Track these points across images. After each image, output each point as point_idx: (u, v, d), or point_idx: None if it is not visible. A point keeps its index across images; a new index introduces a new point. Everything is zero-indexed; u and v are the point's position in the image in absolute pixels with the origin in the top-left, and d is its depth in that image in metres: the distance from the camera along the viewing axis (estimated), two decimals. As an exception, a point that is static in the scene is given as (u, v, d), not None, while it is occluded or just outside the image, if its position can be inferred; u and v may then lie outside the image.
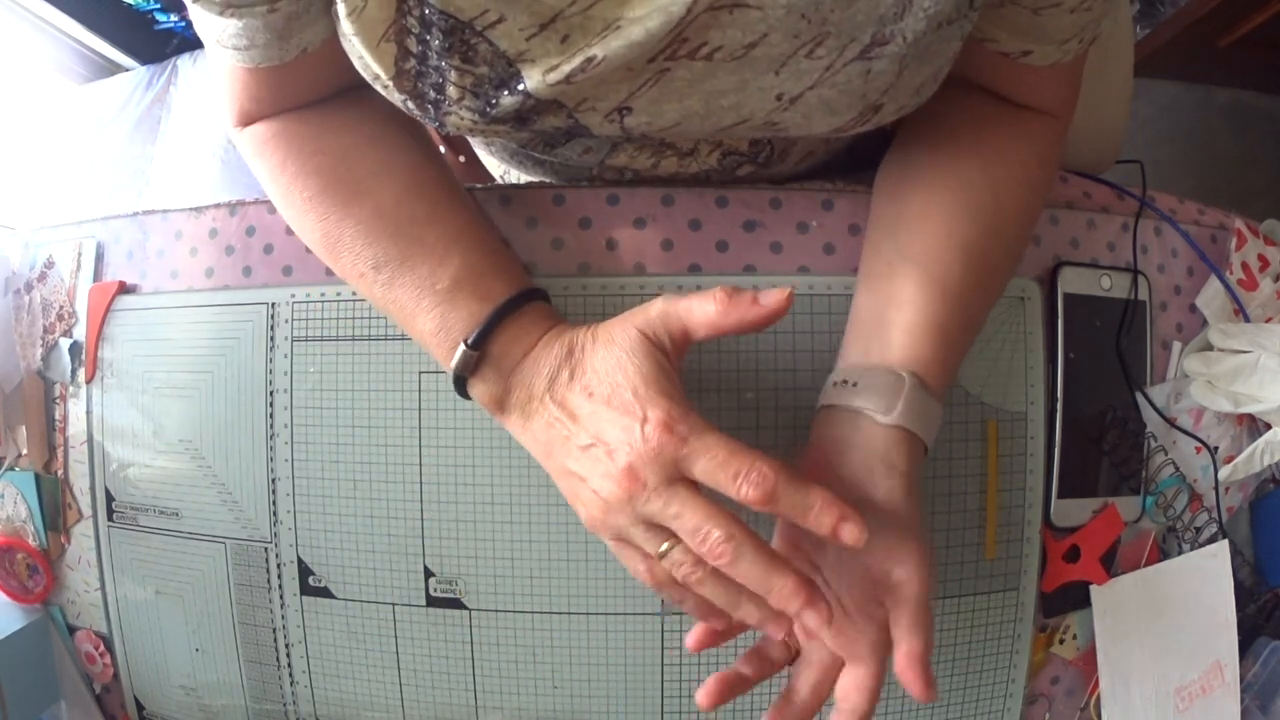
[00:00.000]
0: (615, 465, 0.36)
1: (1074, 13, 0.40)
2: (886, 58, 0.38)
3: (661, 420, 0.36)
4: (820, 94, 0.39)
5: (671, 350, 0.39)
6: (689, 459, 0.36)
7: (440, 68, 0.38)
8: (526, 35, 0.37)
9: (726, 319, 0.38)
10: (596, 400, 0.38)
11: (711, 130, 0.42)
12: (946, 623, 0.50)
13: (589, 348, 0.40)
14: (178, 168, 1.64)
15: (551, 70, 0.37)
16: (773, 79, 0.39)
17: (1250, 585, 0.58)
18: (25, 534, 0.59)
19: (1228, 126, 1.46)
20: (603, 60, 0.36)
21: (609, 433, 0.37)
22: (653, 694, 0.50)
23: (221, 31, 0.40)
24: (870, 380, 0.41)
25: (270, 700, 0.54)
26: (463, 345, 0.42)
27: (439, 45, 0.37)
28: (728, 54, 0.37)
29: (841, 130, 0.42)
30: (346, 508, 0.51)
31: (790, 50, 0.37)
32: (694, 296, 0.38)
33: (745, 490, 0.35)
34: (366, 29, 0.38)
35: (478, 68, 0.38)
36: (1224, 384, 0.54)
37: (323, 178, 0.44)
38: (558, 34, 0.37)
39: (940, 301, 0.42)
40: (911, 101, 0.42)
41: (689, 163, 0.48)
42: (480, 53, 0.37)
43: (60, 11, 1.57)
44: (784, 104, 0.40)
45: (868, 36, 0.37)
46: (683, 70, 0.38)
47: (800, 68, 0.38)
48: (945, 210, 0.44)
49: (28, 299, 0.59)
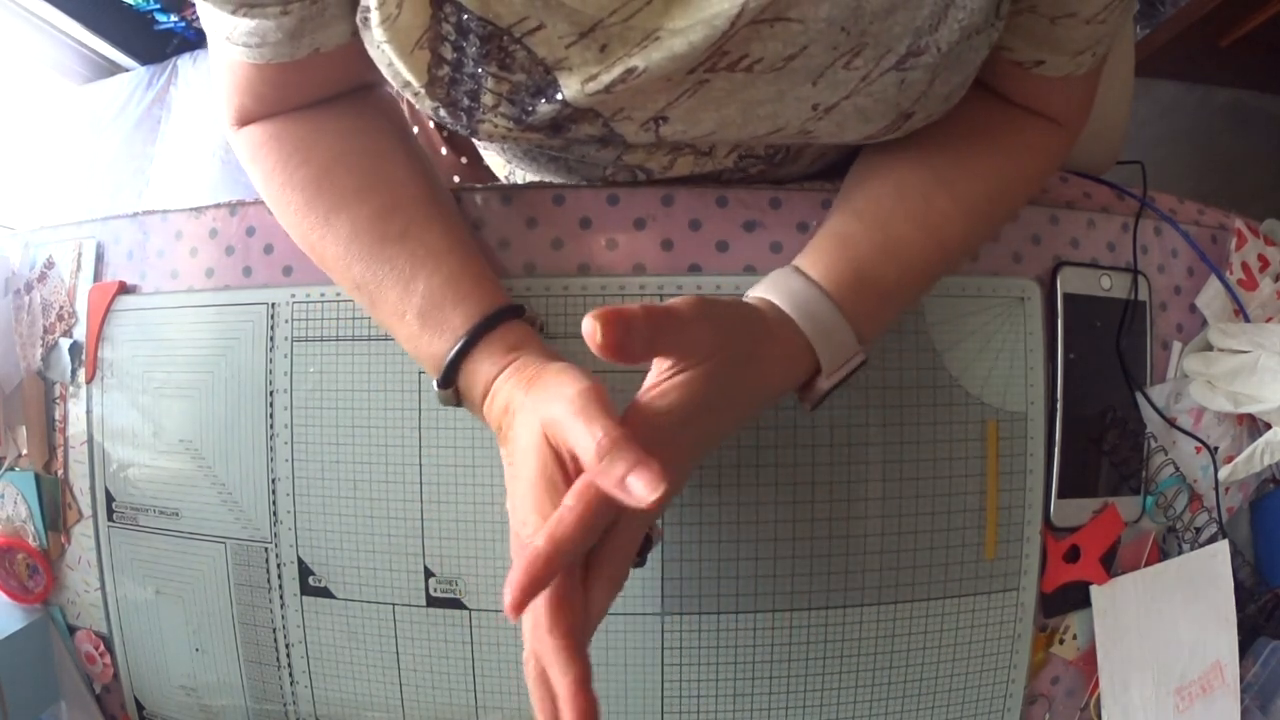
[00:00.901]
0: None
1: (1089, 24, 0.40)
2: (921, 68, 0.38)
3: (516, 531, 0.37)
4: (855, 103, 0.40)
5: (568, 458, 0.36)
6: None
7: (476, 75, 0.38)
8: (566, 43, 0.37)
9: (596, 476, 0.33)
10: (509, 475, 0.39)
11: (746, 138, 0.42)
12: (947, 623, 0.50)
13: (517, 416, 0.39)
14: (178, 168, 1.64)
15: (590, 80, 0.37)
16: (810, 89, 0.39)
17: (1250, 585, 0.57)
18: (25, 534, 0.59)
19: (1228, 126, 1.46)
20: (644, 72, 0.36)
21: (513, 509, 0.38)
22: (653, 694, 0.50)
23: (232, 29, 0.40)
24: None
25: (270, 700, 0.54)
26: (434, 386, 0.43)
27: (475, 52, 0.37)
28: (767, 66, 0.38)
29: (872, 137, 0.43)
30: (346, 508, 0.51)
31: (828, 61, 0.38)
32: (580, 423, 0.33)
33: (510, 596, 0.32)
34: (400, 36, 0.37)
35: (515, 75, 0.38)
36: (1224, 384, 0.54)
37: (307, 191, 0.44)
38: (596, 43, 0.37)
39: (851, 219, 0.43)
40: (941, 108, 0.42)
41: (705, 162, 0.48)
42: (518, 60, 0.37)
43: (60, 11, 1.57)
44: (819, 113, 0.40)
45: (904, 47, 0.38)
46: (722, 81, 0.39)
47: (837, 78, 0.39)
48: (893, 160, 0.45)
49: (28, 299, 0.59)
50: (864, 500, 0.49)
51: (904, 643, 0.50)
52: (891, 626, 0.50)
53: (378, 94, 0.49)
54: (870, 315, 0.42)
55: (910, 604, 0.50)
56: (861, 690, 0.50)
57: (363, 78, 0.42)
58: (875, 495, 0.49)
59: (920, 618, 0.50)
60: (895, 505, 0.49)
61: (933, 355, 0.50)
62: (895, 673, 0.50)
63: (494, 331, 0.42)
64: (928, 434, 0.49)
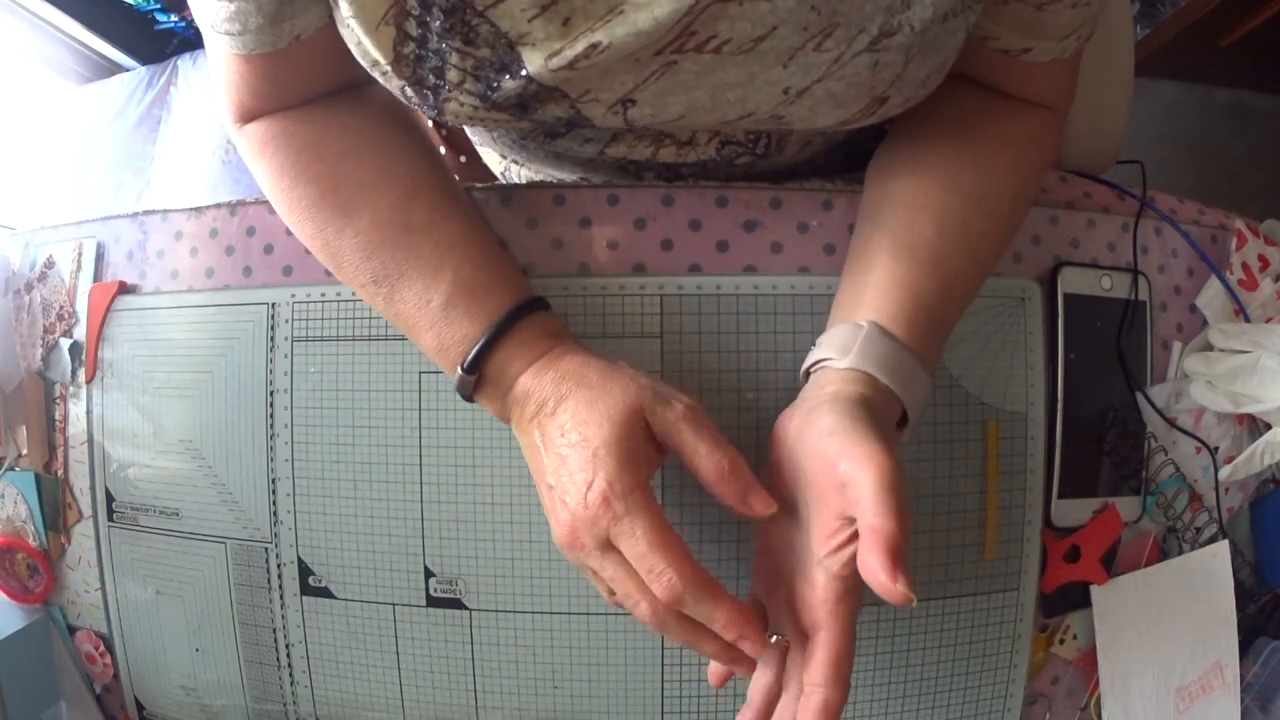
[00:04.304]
0: (561, 517, 0.38)
1: (1074, 8, 0.40)
2: (894, 49, 0.38)
3: (602, 490, 0.36)
4: (827, 87, 0.39)
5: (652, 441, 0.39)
6: (617, 538, 0.36)
7: (440, 50, 0.38)
8: (528, 16, 0.36)
9: (716, 487, 0.38)
10: (565, 444, 0.39)
11: (716, 123, 0.42)
12: (947, 623, 0.50)
13: (578, 388, 0.40)
14: (178, 168, 1.64)
15: (554, 55, 0.37)
16: (780, 72, 0.39)
17: (1250, 585, 0.58)
18: (25, 534, 0.59)
19: (1228, 126, 1.46)
20: (608, 47, 0.36)
21: (564, 482, 0.38)
22: (653, 694, 0.50)
23: (215, 16, 0.40)
24: (831, 336, 0.42)
25: (270, 700, 0.54)
26: (459, 370, 0.42)
27: (439, 26, 0.37)
28: (736, 47, 0.37)
29: (847, 123, 0.42)
30: (347, 508, 0.51)
31: (799, 43, 0.37)
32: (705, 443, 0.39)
33: (655, 588, 0.36)
34: (365, 11, 0.37)
35: (479, 50, 0.38)
36: (1224, 384, 0.54)
37: (320, 185, 0.44)
38: (559, 16, 0.36)
39: (910, 262, 0.42)
40: (917, 94, 0.42)
41: (687, 151, 0.48)
42: (481, 34, 0.37)
43: (60, 11, 1.57)
44: (790, 97, 0.40)
45: (876, 27, 0.37)
46: (690, 63, 0.38)
47: (808, 60, 0.38)
48: (923, 184, 0.44)
49: (28, 299, 0.59)
50: (864, 500, 0.49)
51: (904, 643, 0.50)
52: (891, 626, 0.50)
53: (380, 89, 0.49)
54: (935, 357, 0.43)
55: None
56: (861, 690, 0.50)
57: (356, 74, 0.42)
58: (875, 495, 0.49)
59: (920, 618, 0.50)
60: (895, 505, 0.49)
61: (933, 355, 0.50)
62: (895, 673, 0.50)
63: (529, 318, 0.43)
64: (928, 434, 0.49)
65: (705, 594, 0.36)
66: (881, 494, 0.33)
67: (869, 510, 0.33)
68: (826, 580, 0.36)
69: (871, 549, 0.32)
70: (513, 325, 0.42)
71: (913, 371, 0.40)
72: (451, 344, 0.43)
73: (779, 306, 0.49)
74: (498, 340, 0.42)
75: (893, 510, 0.32)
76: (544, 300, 0.45)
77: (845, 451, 0.35)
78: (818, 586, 0.36)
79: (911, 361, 0.40)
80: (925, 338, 0.41)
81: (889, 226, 0.44)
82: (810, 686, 0.35)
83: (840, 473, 0.35)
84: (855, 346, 0.40)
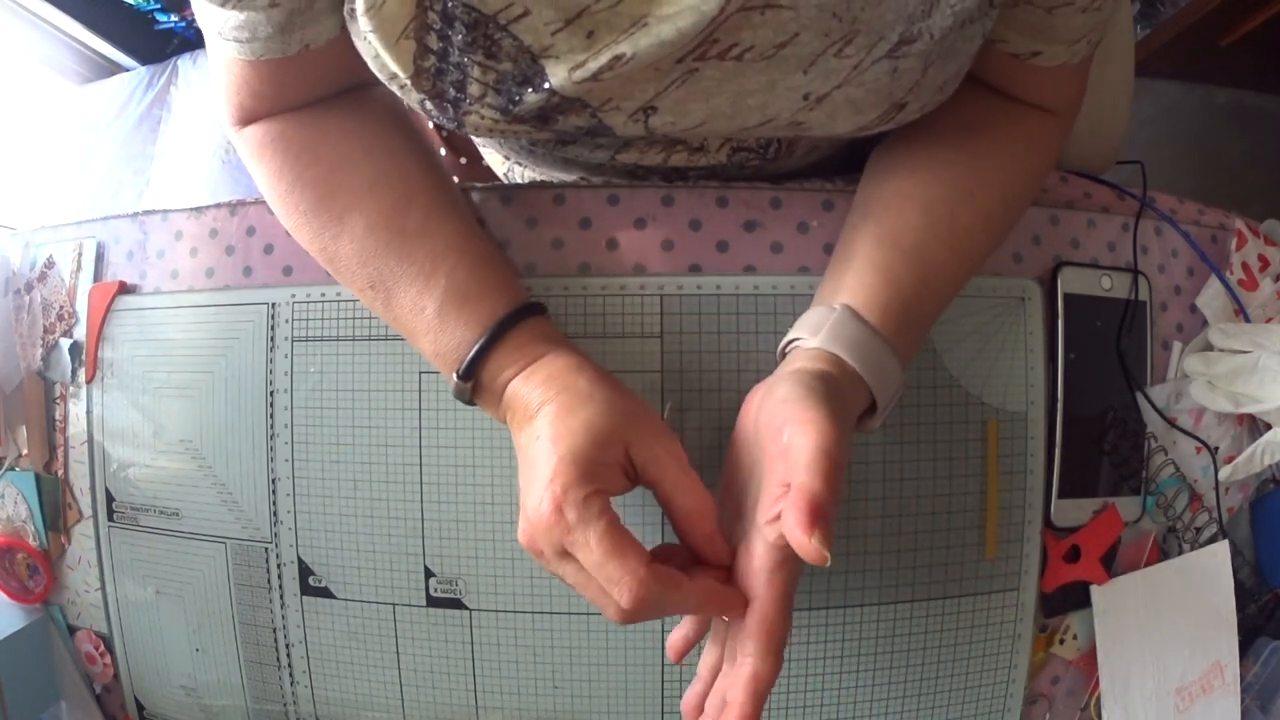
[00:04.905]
0: (520, 524, 0.38)
1: (1085, 12, 0.40)
2: (913, 56, 0.38)
3: (555, 498, 0.35)
4: (847, 93, 0.39)
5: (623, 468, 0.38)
6: (571, 546, 0.35)
7: (462, 64, 0.38)
8: (552, 30, 0.36)
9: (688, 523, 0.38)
10: (533, 449, 0.38)
11: (736, 130, 0.42)
12: (947, 623, 0.50)
13: (562, 394, 0.39)
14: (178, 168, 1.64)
15: (578, 67, 0.37)
16: (800, 78, 0.39)
17: (1250, 585, 0.58)
18: (25, 534, 0.59)
19: (1228, 126, 1.46)
20: (631, 58, 0.36)
21: (527, 485, 0.38)
22: (653, 694, 0.50)
23: (223, 23, 0.39)
24: (806, 318, 0.42)
25: (270, 700, 0.54)
26: (454, 377, 0.42)
27: (461, 41, 0.37)
28: (758, 54, 0.37)
29: (865, 129, 0.42)
30: (347, 508, 0.51)
31: (820, 49, 0.37)
32: (689, 481, 0.38)
33: (615, 596, 0.35)
34: (385, 26, 0.37)
35: (501, 64, 0.38)
36: (1224, 384, 0.54)
37: (317, 190, 0.44)
38: (583, 29, 0.36)
39: (892, 250, 0.42)
40: (934, 100, 0.42)
41: (698, 157, 0.48)
42: (504, 48, 0.37)
43: (60, 11, 1.57)
44: (810, 103, 0.40)
45: (896, 35, 0.37)
46: (711, 70, 0.38)
47: (829, 67, 0.38)
48: (916, 175, 0.45)
49: (28, 299, 0.59)
50: (864, 500, 0.49)
51: (904, 643, 0.50)
52: (891, 626, 0.50)
53: (382, 91, 0.49)
54: (910, 348, 0.43)
55: (910, 604, 0.50)
56: (861, 690, 0.50)
57: (361, 76, 0.42)
58: (875, 495, 0.49)
59: (920, 618, 0.50)
60: (895, 505, 0.49)
61: (933, 355, 0.50)
62: (895, 673, 0.50)
63: (523, 324, 0.43)
64: (928, 434, 0.49)
65: (669, 589, 0.35)
66: (816, 457, 0.33)
67: (799, 470, 0.33)
68: (764, 548, 0.35)
69: (793, 505, 0.32)
70: (506, 332, 0.42)
71: (881, 357, 0.40)
72: (447, 350, 0.43)
73: (779, 306, 0.49)
74: (491, 347, 0.42)
75: (824, 473, 0.33)
76: (540, 305, 0.45)
77: (792, 417, 0.35)
78: (755, 555, 0.36)
79: (881, 347, 0.40)
80: (899, 326, 0.41)
81: (876, 216, 0.44)
82: (741, 657, 0.35)
83: (783, 439, 0.35)
84: (825, 327, 0.40)
